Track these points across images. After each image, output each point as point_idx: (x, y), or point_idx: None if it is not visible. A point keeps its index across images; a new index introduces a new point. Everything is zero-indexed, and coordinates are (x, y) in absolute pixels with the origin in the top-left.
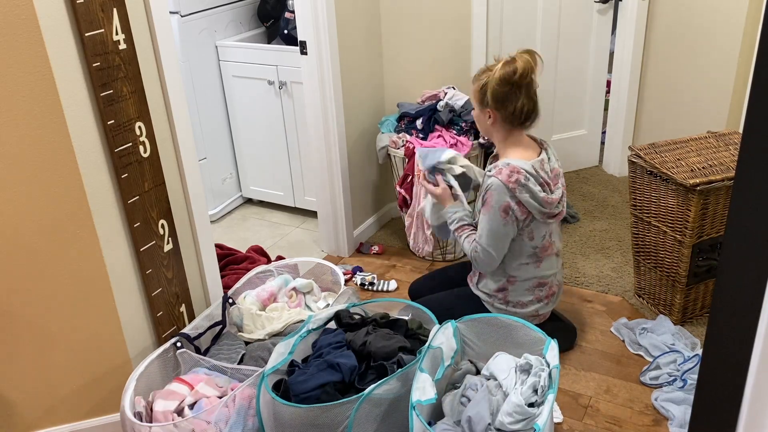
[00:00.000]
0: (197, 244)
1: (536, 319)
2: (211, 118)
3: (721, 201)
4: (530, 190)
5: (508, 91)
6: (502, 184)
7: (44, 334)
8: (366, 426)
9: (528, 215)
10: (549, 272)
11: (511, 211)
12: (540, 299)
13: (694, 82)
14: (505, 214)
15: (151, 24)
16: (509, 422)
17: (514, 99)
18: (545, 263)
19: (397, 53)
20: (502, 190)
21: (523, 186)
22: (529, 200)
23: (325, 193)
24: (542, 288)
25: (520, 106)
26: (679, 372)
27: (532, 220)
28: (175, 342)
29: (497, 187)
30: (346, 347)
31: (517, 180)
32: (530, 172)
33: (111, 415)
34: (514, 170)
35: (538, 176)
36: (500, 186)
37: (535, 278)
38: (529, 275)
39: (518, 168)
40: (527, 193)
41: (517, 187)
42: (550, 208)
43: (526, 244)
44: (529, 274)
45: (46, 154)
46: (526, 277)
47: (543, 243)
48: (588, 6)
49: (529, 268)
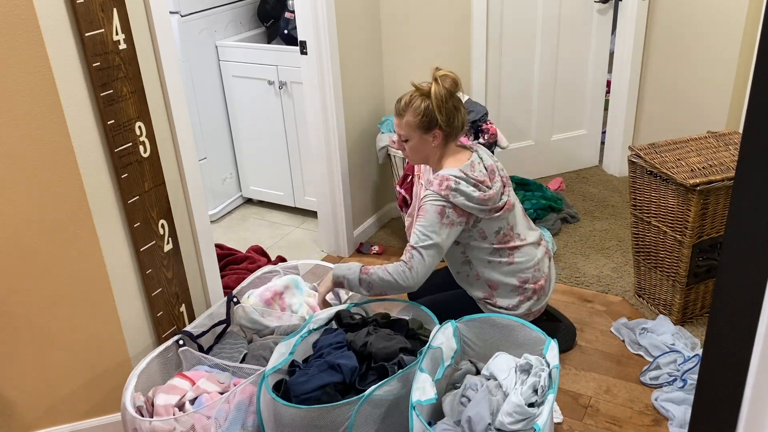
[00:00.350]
0: (197, 244)
1: (530, 317)
2: (211, 118)
3: (721, 201)
4: (463, 193)
5: (452, 105)
6: (434, 193)
7: (44, 334)
8: (366, 427)
9: (468, 217)
10: (526, 265)
11: (447, 214)
12: (528, 298)
13: (694, 82)
14: (441, 216)
15: (151, 24)
16: (509, 422)
17: (457, 112)
18: (518, 257)
19: (397, 53)
20: (436, 198)
21: (455, 190)
22: (464, 202)
23: (325, 193)
24: (524, 288)
25: (462, 118)
26: (679, 372)
27: (478, 220)
28: (177, 340)
29: (431, 196)
30: (346, 348)
31: (447, 186)
32: (459, 176)
33: (111, 414)
34: (442, 179)
35: (469, 178)
36: (433, 195)
37: (512, 279)
38: (505, 273)
39: (446, 176)
40: (461, 196)
41: (450, 193)
42: (490, 204)
43: (481, 243)
44: (506, 272)
45: (46, 154)
46: (505, 278)
47: (499, 237)
48: (588, 6)
49: (501, 266)
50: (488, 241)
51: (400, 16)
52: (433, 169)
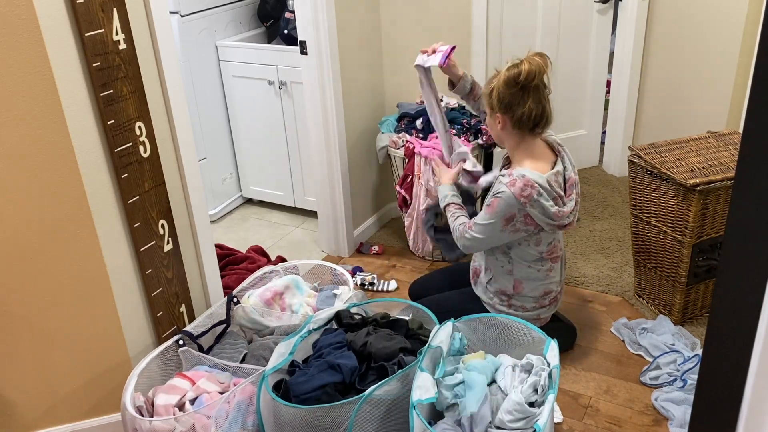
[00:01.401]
0: (197, 244)
1: (537, 323)
2: (211, 118)
3: (721, 201)
4: (541, 206)
5: (514, 94)
6: (513, 197)
7: (44, 334)
8: (366, 427)
9: (536, 227)
10: (555, 279)
11: (515, 221)
12: (543, 305)
13: (694, 82)
14: (506, 223)
15: (151, 24)
16: (509, 420)
17: (521, 103)
18: (554, 271)
19: (397, 53)
20: (512, 202)
21: (534, 201)
22: (537, 215)
23: (325, 193)
24: (546, 297)
25: (528, 111)
26: (679, 372)
27: (541, 230)
28: (177, 340)
29: (507, 197)
30: (346, 348)
31: (529, 195)
32: (544, 186)
33: (111, 414)
34: (528, 184)
35: (551, 191)
36: (511, 198)
37: (541, 288)
38: (536, 281)
39: (532, 182)
40: (537, 208)
41: (528, 202)
42: (560, 221)
43: (532, 248)
44: (537, 281)
45: (46, 154)
46: (533, 284)
47: (549, 248)
48: (588, 6)
49: (536, 274)
50: (539, 250)
51: (400, 16)
52: (511, 158)
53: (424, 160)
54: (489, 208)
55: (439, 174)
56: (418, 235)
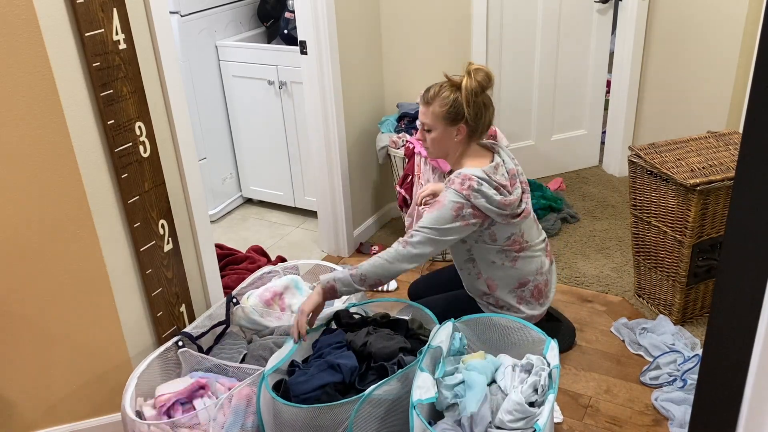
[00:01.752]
0: (197, 244)
1: (532, 320)
2: (211, 118)
3: (721, 201)
4: (485, 195)
5: (482, 101)
6: (455, 192)
7: (44, 334)
8: (366, 426)
9: (485, 219)
10: (528, 269)
11: (464, 213)
12: (524, 300)
13: (694, 82)
14: (456, 215)
15: (151, 24)
16: (509, 420)
17: (486, 109)
18: (521, 262)
19: (397, 53)
20: (456, 195)
21: (477, 191)
22: (485, 205)
23: (325, 193)
24: (524, 288)
25: (490, 116)
26: (679, 372)
27: (492, 223)
28: (176, 341)
29: (450, 193)
30: (346, 348)
31: (469, 186)
32: (482, 177)
33: (111, 415)
34: (465, 178)
35: (491, 180)
36: (453, 193)
37: (513, 278)
38: (505, 275)
39: (469, 175)
40: (482, 198)
41: (471, 193)
42: (510, 209)
43: (488, 245)
44: (506, 274)
45: (46, 154)
46: (504, 279)
47: (508, 242)
48: (588, 6)
49: (504, 268)
50: (497, 244)
51: (400, 15)
52: (451, 166)
53: (424, 160)
54: (435, 205)
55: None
56: None
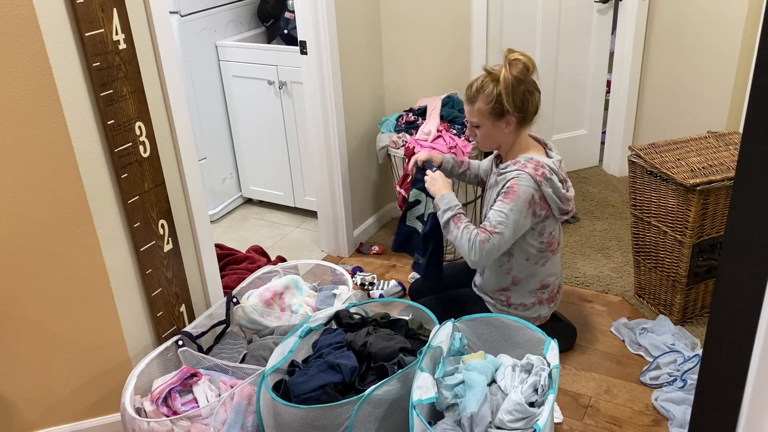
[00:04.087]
0: (197, 244)
1: (537, 321)
2: (211, 118)
3: (721, 201)
4: (554, 185)
5: (525, 89)
6: (530, 176)
7: (44, 334)
8: (366, 426)
9: (547, 210)
10: (553, 272)
11: (534, 204)
12: (542, 301)
13: (694, 82)
14: (529, 206)
15: (151, 24)
16: (509, 420)
17: (531, 96)
18: (550, 263)
19: (397, 53)
20: (530, 182)
21: (548, 180)
22: (552, 195)
23: (325, 193)
24: (545, 290)
25: (536, 102)
26: (679, 372)
27: (548, 216)
28: (176, 340)
29: (525, 178)
30: (346, 348)
31: (542, 173)
32: (553, 167)
33: (111, 414)
34: (539, 164)
35: (558, 173)
36: (528, 177)
37: (538, 279)
38: (533, 275)
39: (542, 162)
40: (551, 188)
41: (543, 181)
42: (567, 205)
43: (535, 239)
44: (534, 275)
45: (46, 154)
46: (530, 278)
47: (549, 239)
48: (588, 6)
49: (534, 268)
50: (541, 239)
51: (400, 15)
52: (505, 157)
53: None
54: (508, 195)
55: (437, 185)
56: None
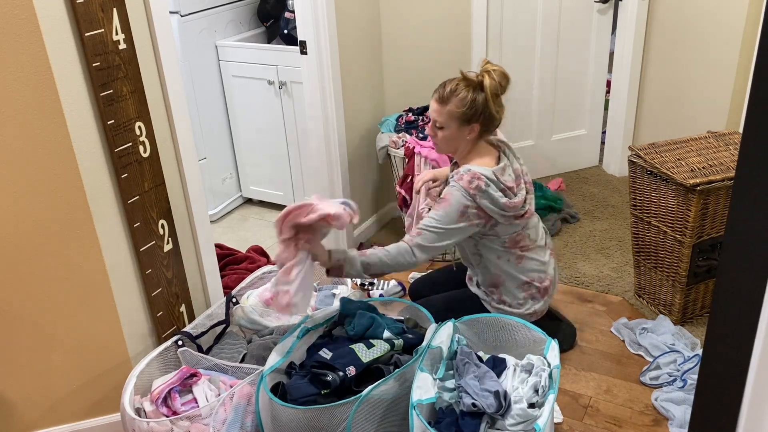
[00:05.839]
0: (197, 244)
1: (533, 317)
2: (211, 118)
3: (721, 201)
4: (490, 197)
5: (497, 102)
6: (463, 188)
7: (44, 334)
8: (364, 427)
9: (488, 219)
10: (533, 269)
11: (468, 213)
12: (533, 296)
13: (694, 82)
14: (461, 216)
15: (151, 24)
16: (510, 423)
17: (501, 108)
18: (526, 261)
19: (397, 53)
20: (462, 194)
21: (483, 192)
22: (489, 206)
23: (325, 193)
24: (531, 285)
25: (502, 114)
26: (679, 372)
27: (496, 223)
28: (176, 340)
29: (458, 190)
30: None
31: (477, 186)
32: (491, 178)
33: (111, 414)
34: (474, 176)
35: (498, 182)
36: (461, 189)
37: (520, 275)
38: (512, 273)
39: (479, 174)
40: (487, 199)
41: (478, 193)
42: (513, 211)
43: (493, 242)
44: (513, 271)
45: (46, 154)
46: (511, 275)
47: (512, 238)
48: (588, 6)
49: (509, 265)
50: (500, 241)
51: (401, 15)
52: (458, 161)
53: (424, 160)
54: (442, 203)
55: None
56: None
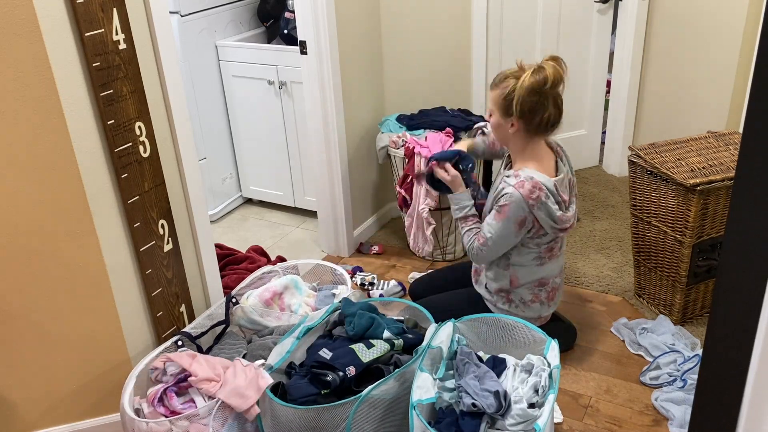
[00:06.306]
0: (197, 244)
1: (537, 322)
2: (211, 118)
3: (721, 201)
4: (548, 209)
5: (537, 100)
6: (522, 198)
7: (44, 334)
8: (364, 427)
9: (539, 229)
10: (551, 272)
11: (525, 224)
12: (541, 301)
13: (694, 82)
14: (519, 227)
15: (151, 24)
16: (510, 424)
17: (542, 109)
18: (549, 264)
19: (397, 53)
20: (521, 204)
21: (542, 204)
22: (544, 218)
23: (325, 193)
24: (542, 288)
25: (547, 117)
26: (679, 372)
27: (545, 233)
28: (176, 341)
29: (517, 200)
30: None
31: (537, 197)
32: (551, 189)
33: (110, 414)
34: (536, 186)
35: (557, 194)
36: (520, 200)
37: (536, 277)
38: (531, 276)
39: (541, 185)
40: (544, 211)
41: (536, 204)
42: (563, 224)
43: (531, 249)
44: (532, 275)
45: (46, 154)
46: (528, 279)
47: (549, 246)
48: (588, 6)
49: (532, 267)
50: (539, 249)
51: (401, 15)
52: (513, 159)
53: (424, 161)
54: (500, 214)
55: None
56: (419, 235)
